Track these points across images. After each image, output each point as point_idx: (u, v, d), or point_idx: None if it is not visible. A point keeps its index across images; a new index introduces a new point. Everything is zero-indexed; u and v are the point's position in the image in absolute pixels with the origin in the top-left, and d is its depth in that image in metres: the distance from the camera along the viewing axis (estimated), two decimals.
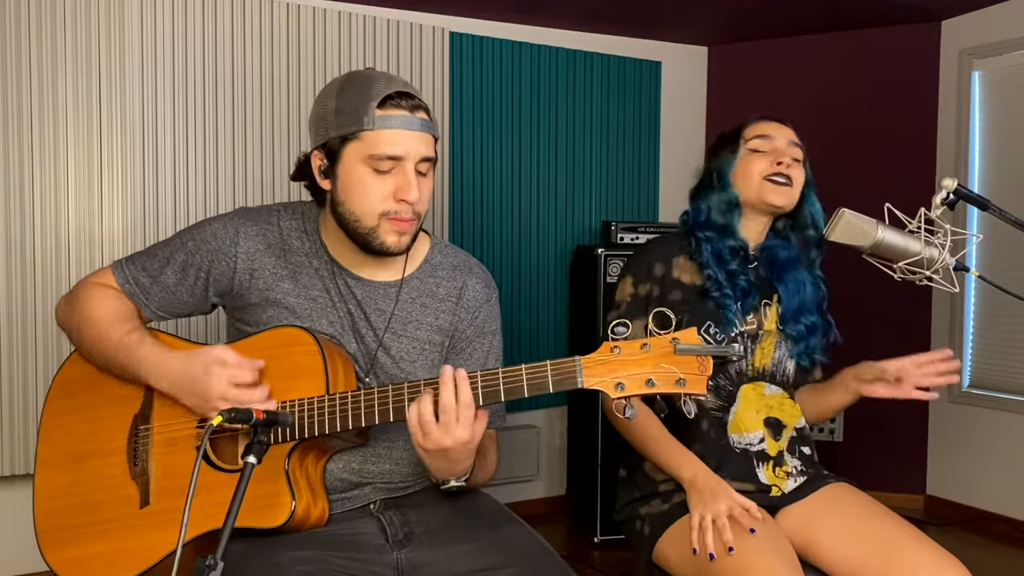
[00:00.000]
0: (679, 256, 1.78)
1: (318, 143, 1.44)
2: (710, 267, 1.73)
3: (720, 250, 1.74)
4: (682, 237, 1.81)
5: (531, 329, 3.65)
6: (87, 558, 1.46)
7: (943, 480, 3.68)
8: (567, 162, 3.72)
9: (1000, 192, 3.40)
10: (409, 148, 1.39)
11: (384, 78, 1.42)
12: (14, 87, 2.69)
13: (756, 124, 1.80)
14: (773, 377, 1.77)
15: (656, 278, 1.75)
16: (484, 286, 1.59)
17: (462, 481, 1.41)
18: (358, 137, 1.39)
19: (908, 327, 3.67)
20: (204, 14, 2.94)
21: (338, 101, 1.41)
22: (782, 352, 1.77)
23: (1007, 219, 1.52)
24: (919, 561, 1.51)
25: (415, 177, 1.40)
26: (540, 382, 1.27)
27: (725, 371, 1.74)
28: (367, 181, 1.40)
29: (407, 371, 1.51)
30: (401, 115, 1.39)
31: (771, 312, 1.78)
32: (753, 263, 1.80)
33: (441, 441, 1.27)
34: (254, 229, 1.51)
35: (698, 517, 1.56)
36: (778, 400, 1.77)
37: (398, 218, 1.41)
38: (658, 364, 1.24)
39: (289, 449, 1.38)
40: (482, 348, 1.58)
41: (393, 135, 1.38)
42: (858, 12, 3.49)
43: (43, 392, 2.72)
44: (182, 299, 1.54)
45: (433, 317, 1.54)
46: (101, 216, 2.83)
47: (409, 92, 1.42)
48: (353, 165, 1.40)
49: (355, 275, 1.51)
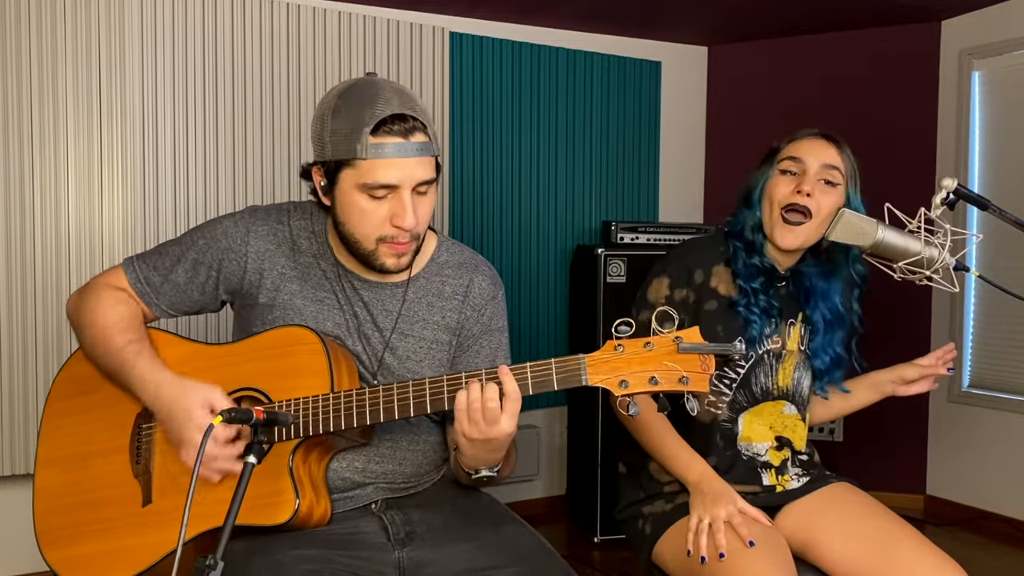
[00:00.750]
0: (719, 264, 1.73)
1: (317, 161, 1.44)
2: (741, 278, 1.70)
3: (749, 265, 1.71)
4: (721, 242, 1.77)
5: (531, 329, 3.65)
6: (87, 557, 1.46)
7: (943, 480, 3.68)
8: (567, 162, 3.72)
9: (1000, 192, 3.40)
10: (404, 176, 1.37)
11: (381, 96, 1.37)
12: (14, 83, 2.70)
13: (793, 144, 1.73)
14: (793, 397, 1.77)
15: (695, 285, 1.71)
16: (491, 283, 1.59)
17: (493, 471, 1.42)
18: (352, 165, 1.37)
19: (908, 327, 3.67)
20: (204, 13, 2.94)
21: (334, 123, 1.38)
22: (801, 373, 1.76)
23: (1007, 219, 1.52)
24: (917, 562, 1.51)
25: (411, 202, 1.39)
26: (545, 380, 1.28)
27: (749, 389, 1.72)
28: (363, 207, 1.39)
29: (413, 371, 1.51)
30: (395, 143, 1.36)
31: (794, 332, 1.75)
32: (783, 281, 1.76)
33: (487, 432, 1.28)
34: (265, 228, 1.52)
35: (696, 519, 1.57)
36: (792, 421, 1.77)
37: (395, 243, 1.42)
38: (661, 362, 1.25)
39: (293, 447, 1.38)
40: (490, 345, 1.58)
41: (387, 164, 1.36)
42: (858, 12, 3.49)
43: (43, 392, 2.72)
44: (192, 297, 1.55)
45: (440, 316, 1.54)
46: (101, 214, 2.83)
47: (404, 113, 1.37)
48: (349, 191, 1.39)
49: (361, 277, 1.52)
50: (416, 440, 1.54)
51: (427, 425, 1.57)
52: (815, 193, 1.66)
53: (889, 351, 1.76)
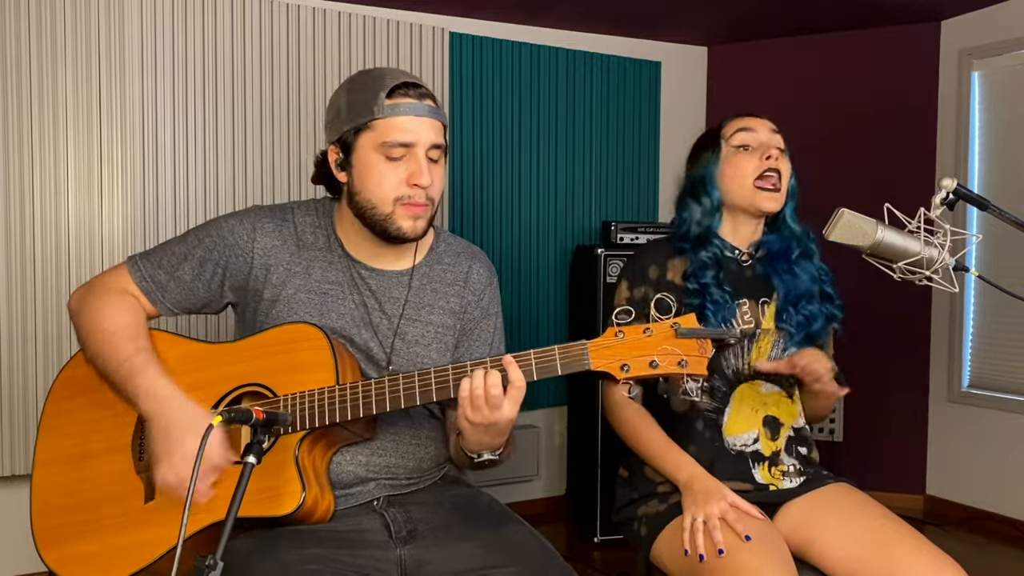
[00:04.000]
0: (674, 258, 1.78)
1: (333, 139, 1.50)
2: (690, 278, 1.74)
3: (697, 264, 1.73)
4: (676, 240, 1.81)
5: (531, 329, 3.65)
6: (85, 555, 1.46)
7: (943, 480, 3.68)
8: (567, 162, 3.72)
9: (1000, 192, 3.40)
10: (420, 134, 1.45)
11: (391, 71, 1.48)
12: (14, 83, 2.70)
13: (734, 120, 1.79)
14: (770, 376, 1.76)
15: (651, 281, 1.76)
16: (486, 269, 1.67)
17: (496, 455, 1.45)
18: (370, 127, 1.44)
19: (908, 327, 3.67)
20: (204, 14, 2.94)
21: (349, 96, 1.48)
22: (780, 350, 1.77)
23: (1007, 219, 1.52)
24: (916, 562, 1.51)
25: (427, 163, 1.46)
26: (549, 365, 1.33)
27: (721, 372, 1.74)
28: (381, 168, 1.45)
29: (423, 355, 1.55)
30: (409, 102, 1.45)
31: (769, 310, 1.77)
32: (748, 261, 1.79)
33: (490, 417, 1.33)
34: (270, 225, 1.55)
35: (690, 518, 1.58)
36: (775, 398, 1.77)
37: (412, 203, 1.47)
38: (660, 347, 1.31)
39: (299, 439, 1.39)
40: (488, 328, 1.64)
41: (403, 122, 1.44)
42: (858, 12, 3.49)
43: (43, 392, 2.73)
44: (198, 295, 1.56)
45: (444, 301, 1.59)
46: (101, 214, 2.83)
47: (416, 82, 1.47)
48: (367, 154, 1.46)
49: (369, 266, 1.55)
50: (418, 435, 1.56)
51: (429, 421, 1.58)
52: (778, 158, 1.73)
53: (889, 351, 1.76)
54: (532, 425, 3.64)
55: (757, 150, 1.74)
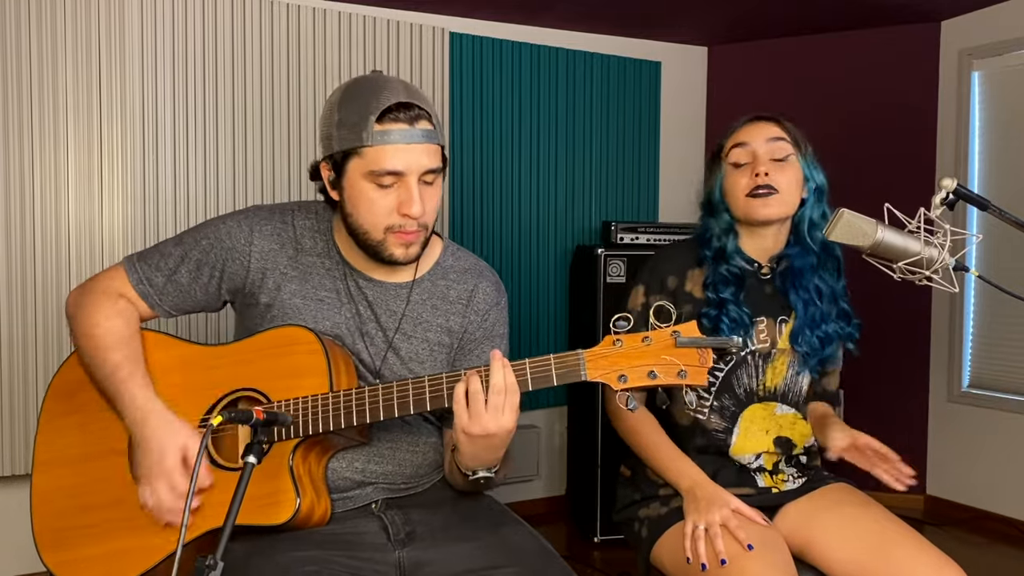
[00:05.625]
0: (694, 268, 1.74)
1: (325, 155, 1.45)
2: (710, 289, 1.70)
3: (718, 274, 1.70)
4: (696, 247, 1.77)
5: (531, 329, 3.65)
6: (86, 559, 1.46)
7: (943, 480, 3.68)
8: (567, 162, 3.72)
9: (1000, 192, 3.40)
10: (410, 162, 1.39)
11: (386, 87, 1.40)
12: (14, 82, 2.69)
13: (733, 134, 1.75)
14: (785, 397, 1.75)
15: (669, 291, 1.73)
16: (495, 289, 1.60)
17: (491, 472, 1.42)
18: (359, 153, 1.38)
19: (908, 327, 3.67)
20: (204, 13, 2.94)
21: (340, 114, 1.40)
22: (795, 371, 1.74)
23: (1007, 219, 1.52)
24: (916, 562, 1.51)
25: (418, 190, 1.40)
26: (544, 375, 1.29)
27: (732, 391, 1.72)
28: (371, 196, 1.40)
29: (415, 372, 1.51)
30: (400, 129, 1.38)
31: (786, 329, 1.74)
32: (768, 275, 1.75)
33: (487, 426, 1.28)
34: (268, 228, 1.52)
35: (691, 525, 1.56)
36: (790, 420, 1.75)
37: (403, 231, 1.42)
38: (659, 357, 1.26)
39: (293, 446, 1.38)
40: (489, 351, 1.57)
41: (393, 151, 1.37)
42: (858, 12, 3.49)
43: (43, 392, 2.71)
44: (195, 297, 1.54)
45: (443, 319, 1.55)
46: (101, 213, 2.83)
47: (410, 102, 1.39)
48: (356, 180, 1.40)
49: (367, 276, 1.52)
50: (415, 442, 1.54)
51: (426, 427, 1.57)
52: (771, 172, 1.67)
53: (889, 351, 1.75)
54: (532, 425, 3.64)
55: (749, 166, 1.70)
